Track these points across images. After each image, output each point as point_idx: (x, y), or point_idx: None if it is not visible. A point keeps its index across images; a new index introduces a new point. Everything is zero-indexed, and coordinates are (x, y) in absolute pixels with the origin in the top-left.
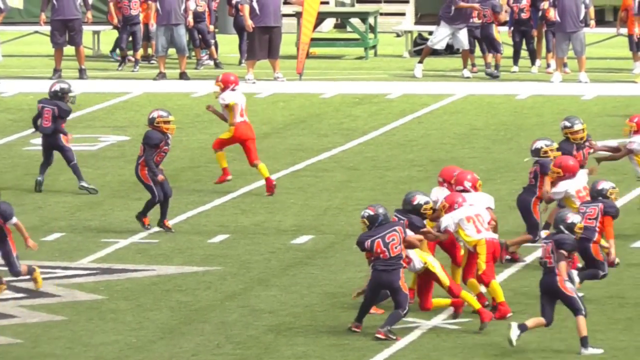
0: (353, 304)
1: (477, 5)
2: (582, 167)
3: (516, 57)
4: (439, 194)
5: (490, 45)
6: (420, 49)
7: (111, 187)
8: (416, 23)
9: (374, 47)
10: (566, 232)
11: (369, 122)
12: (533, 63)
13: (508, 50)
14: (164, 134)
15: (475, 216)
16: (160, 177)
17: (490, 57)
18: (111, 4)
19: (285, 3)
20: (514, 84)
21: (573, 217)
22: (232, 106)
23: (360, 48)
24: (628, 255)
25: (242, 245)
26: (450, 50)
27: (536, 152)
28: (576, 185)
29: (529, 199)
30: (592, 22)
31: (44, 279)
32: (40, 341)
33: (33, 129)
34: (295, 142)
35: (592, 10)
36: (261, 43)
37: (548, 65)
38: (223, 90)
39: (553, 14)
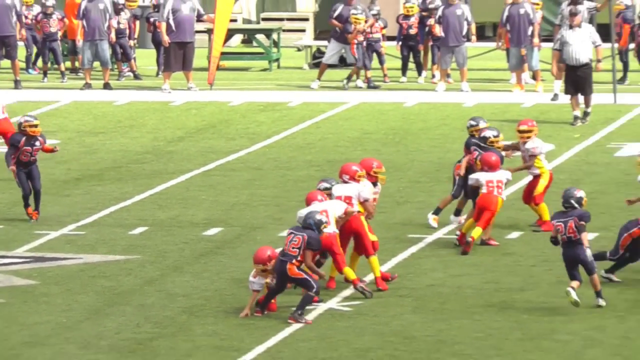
0: None
1: (360, 26)
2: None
3: (404, 69)
4: (340, 190)
5: (380, 58)
6: (319, 61)
7: (43, 185)
8: (315, 39)
9: (277, 60)
10: (577, 206)
11: (272, 127)
12: (419, 74)
13: (397, 63)
14: (31, 136)
15: (324, 212)
16: (11, 167)
17: (369, 73)
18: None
19: (198, 20)
20: (403, 93)
21: (580, 192)
22: None
23: (265, 61)
24: (503, 245)
25: (159, 237)
26: (344, 62)
27: (483, 140)
28: (490, 177)
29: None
30: (474, 37)
31: None
32: None
33: None
34: (206, 145)
35: (473, 26)
36: (176, 57)
37: (433, 76)
38: None
39: (438, 30)
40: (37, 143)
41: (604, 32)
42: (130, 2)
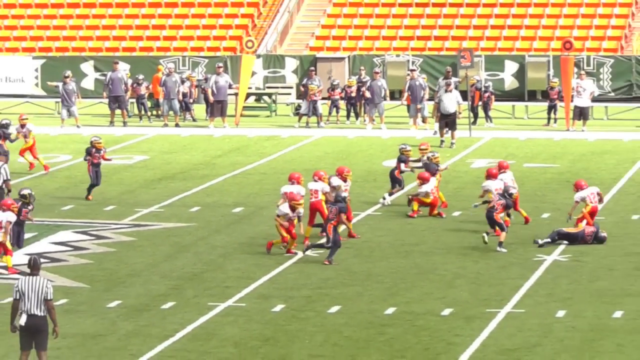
0: None
1: (313, 91)
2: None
3: (348, 116)
4: (313, 185)
5: (315, 113)
6: (298, 112)
7: (140, 183)
8: (297, 98)
9: (274, 110)
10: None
11: (272, 149)
12: (356, 119)
13: (345, 112)
14: (97, 149)
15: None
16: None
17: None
18: None
19: (229, 88)
20: (347, 130)
21: (512, 190)
22: None
23: (268, 111)
24: (409, 220)
25: (207, 212)
26: (315, 113)
27: (400, 151)
28: (429, 186)
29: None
30: (388, 98)
31: None
32: None
33: None
34: (234, 160)
35: (388, 92)
36: (217, 108)
37: (365, 120)
38: None
39: (368, 94)
40: (100, 152)
41: (464, 95)
42: (191, 77)
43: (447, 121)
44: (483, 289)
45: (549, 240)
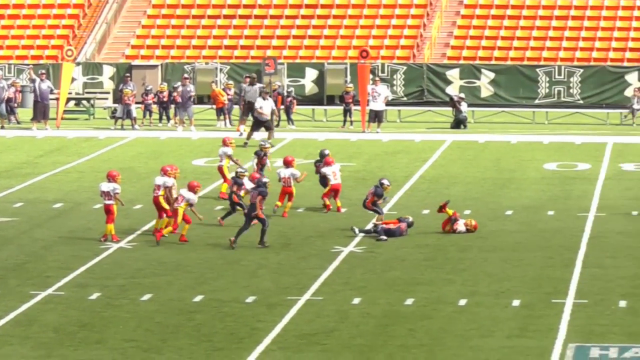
0: None
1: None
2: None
3: (160, 118)
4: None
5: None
6: (114, 115)
7: None
8: (113, 103)
9: (92, 114)
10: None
11: (91, 149)
12: (168, 121)
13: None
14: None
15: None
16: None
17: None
18: None
19: (51, 92)
20: (158, 132)
21: (385, 181)
22: None
23: (86, 115)
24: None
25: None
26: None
27: (259, 147)
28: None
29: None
30: (195, 100)
31: None
32: None
33: None
34: (57, 160)
35: (194, 94)
36: (40, 110)
37: (175, 123)
38: None
39: (179, 98)
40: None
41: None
42: (16, 83)
43: (265, 126)
44: (284, 278)
45: (369, 230)
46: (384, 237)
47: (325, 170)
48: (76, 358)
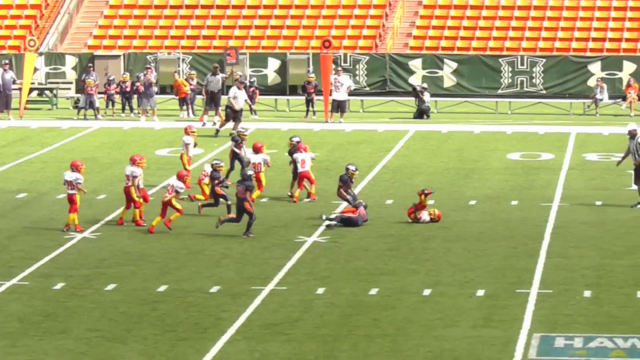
0: None
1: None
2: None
3: (123, 108)
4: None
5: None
6: (77, 105)
7: None
8: (76, 93)
9: (55, 104)
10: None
11: (54, 139)
12: (131, 111)
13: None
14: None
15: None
16: None
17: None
18: None
19: (13, 82)
20: (121, 122)
21: (351, 167)
22: None
23: (49, 105)
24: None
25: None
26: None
27: (237, 133)
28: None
29: None
30: (158, 90)
31: None
32: None
33: None
34: (19, 150)
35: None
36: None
37: (138, 113)
38: None
39: (142, 88)
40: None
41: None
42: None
43: (235, 115)
44: (248, 268)
45: (333, 220)
46: (333, 223)
47: (296, 155)
48: (41, 348)
